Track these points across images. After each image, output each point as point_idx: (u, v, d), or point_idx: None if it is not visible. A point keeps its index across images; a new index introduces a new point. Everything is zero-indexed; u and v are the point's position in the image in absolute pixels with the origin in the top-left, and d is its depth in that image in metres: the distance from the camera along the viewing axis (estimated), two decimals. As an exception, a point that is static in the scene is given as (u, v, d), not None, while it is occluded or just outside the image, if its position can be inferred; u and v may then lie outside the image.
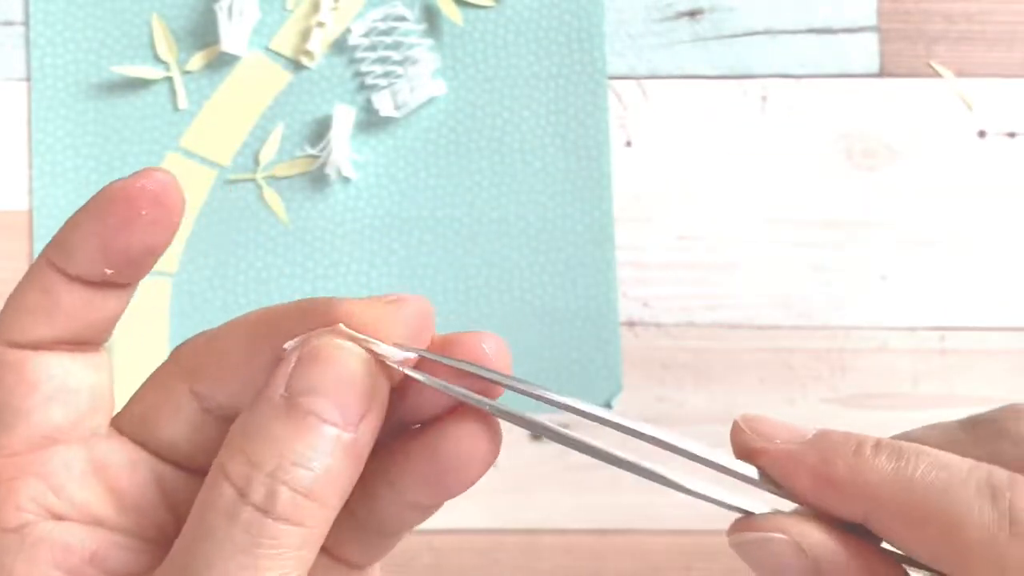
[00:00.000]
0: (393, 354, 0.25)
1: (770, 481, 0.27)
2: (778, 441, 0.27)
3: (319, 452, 0.24)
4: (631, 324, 0.56)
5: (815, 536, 0.26)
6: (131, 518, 0.27)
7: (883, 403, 0.56)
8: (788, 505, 0.27)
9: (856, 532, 0.25)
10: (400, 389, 0.26)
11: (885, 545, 0.25)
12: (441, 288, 0.57)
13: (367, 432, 0.25)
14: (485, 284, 0.57)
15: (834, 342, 0.56)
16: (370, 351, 0.25)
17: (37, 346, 0.26)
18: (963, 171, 0.57)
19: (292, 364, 0.25)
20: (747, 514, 0.27)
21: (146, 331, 0.56)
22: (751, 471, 0.27)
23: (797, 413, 0.56)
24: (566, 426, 0.27)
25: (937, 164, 0.57)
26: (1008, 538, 0.23)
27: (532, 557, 0.55)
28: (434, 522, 0.28)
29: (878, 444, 0.25)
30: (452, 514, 0.56)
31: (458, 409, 0.26)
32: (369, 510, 0.27)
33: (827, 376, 0.56)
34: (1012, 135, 0.57)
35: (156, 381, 0.27)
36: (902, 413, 0.56)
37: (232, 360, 0.26)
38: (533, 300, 0.56)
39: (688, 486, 0.27)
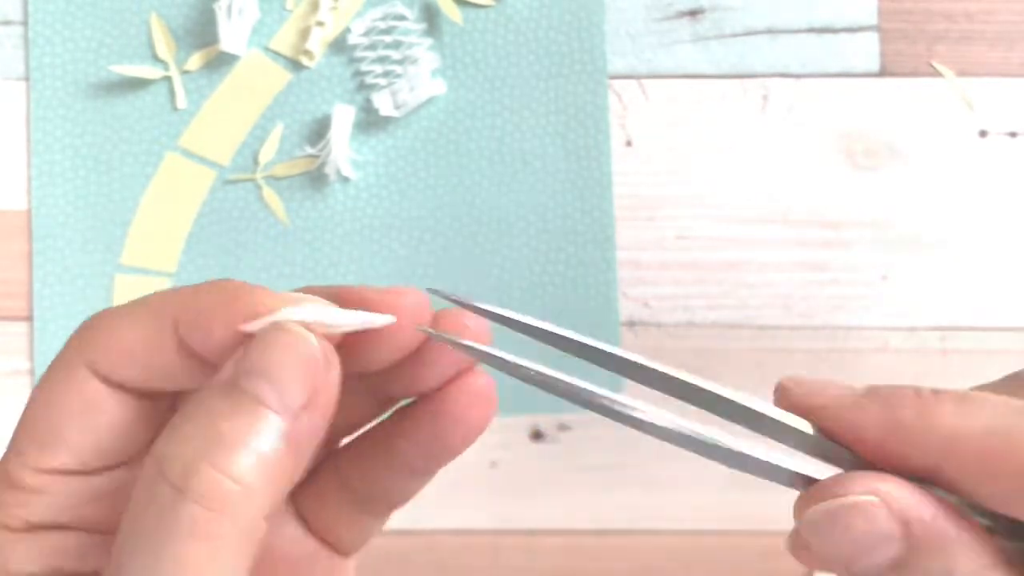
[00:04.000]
0: (345, 320, 0.25)
1: (828, 438, 0.24)
2: (832, 394, 0.25)
3: (252, 435, 0.22)
4: (631, 324, 0.56)
5: (902, 494, 0.23)
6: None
7: (884, 403, 0.56)
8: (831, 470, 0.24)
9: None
10: (391, 366, 0.26)
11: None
12: (441, 288, 0.56)
13: (309, 422, 0.24)
14: (485, 284, 0.56)
15: (834, 342, 0.56)
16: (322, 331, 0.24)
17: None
18: (964, 171, 0.57)
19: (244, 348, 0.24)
20: (810, 481, 0.24)
21: (145, 331, 0.56)
22: (805, 427, 0.25)
23: (797, 413, 0.56)
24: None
25: (938, 164, 0.57)
26: None
27: (532, 558, 0.55)
28: (434, 522, 0.28)
29: (936, 391, 0.24)
30: (452, 514, 0.56)
31: (458, 375, 0.26)
32: (368, 481, 0.27)
33: (828, 376, 0.56)
34: (1013, 135, 0.57)
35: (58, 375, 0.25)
36: (903, 413, 0.56)
37: (133, 340, 0.25)
38: (533, 300, 0.56)
39: (729, 444, 0.24)
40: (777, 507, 0.55)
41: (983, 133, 0.57)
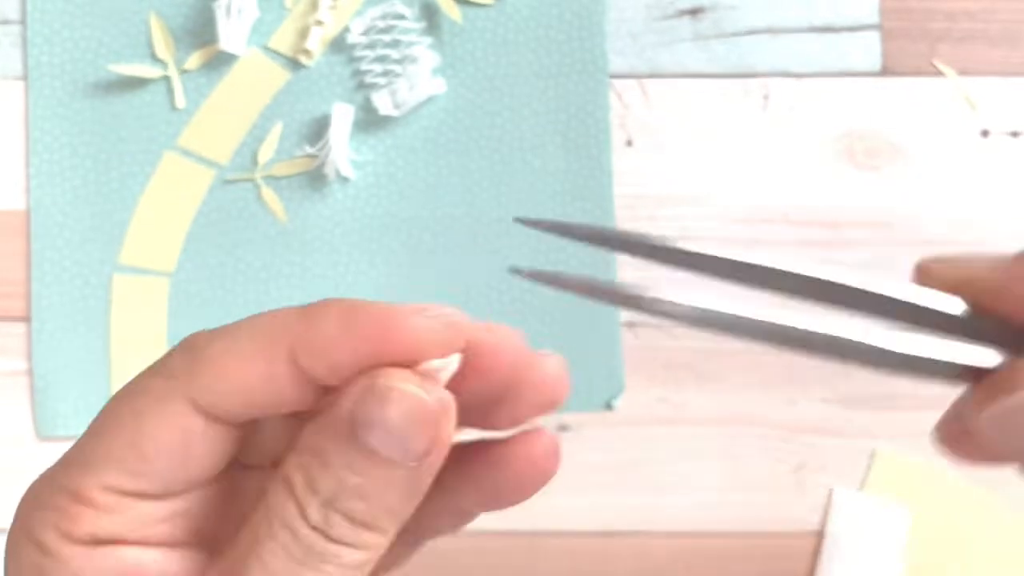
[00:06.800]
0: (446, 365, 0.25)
1: (983, 314, 0.23)
2: (985, 266, 0.24)
3: (377, 486, 0.24)
4: (631, 324, 0.56)
5: None
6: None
7: (884, 404, 0.56)
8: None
9: None
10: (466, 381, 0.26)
11: None
12: (441, 288, 0.56)
13: (428, 468, 0.25)
14: (485, 284, 0.56)
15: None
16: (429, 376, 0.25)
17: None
18: (966, 170, 0.57)
19: (358, 393, 0.24)
20: (976, 371, 0.23)
21: (143, 332, 0.56)
22: (952, 308, 0.23)
23: (798, 413, 0.55)
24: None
25: (940, 163, 0.57)
26: None
27: (536, 559, 0.55)
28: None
29: None
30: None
31: (525, 429, 0.27)
32: (416, 513, 0.27)
33: (828, 376, 0.56)
34: (1015, 134, 0.57)
35: (152, 400, 0.25)
36: (904, 414, 0.55)
37: (244, 374, 0.25)
38: (533, 300, 0.56)
39: (872, 342, 0.22)
40: (778, 508, 0.55)
41: (985, 133, 0.57)
